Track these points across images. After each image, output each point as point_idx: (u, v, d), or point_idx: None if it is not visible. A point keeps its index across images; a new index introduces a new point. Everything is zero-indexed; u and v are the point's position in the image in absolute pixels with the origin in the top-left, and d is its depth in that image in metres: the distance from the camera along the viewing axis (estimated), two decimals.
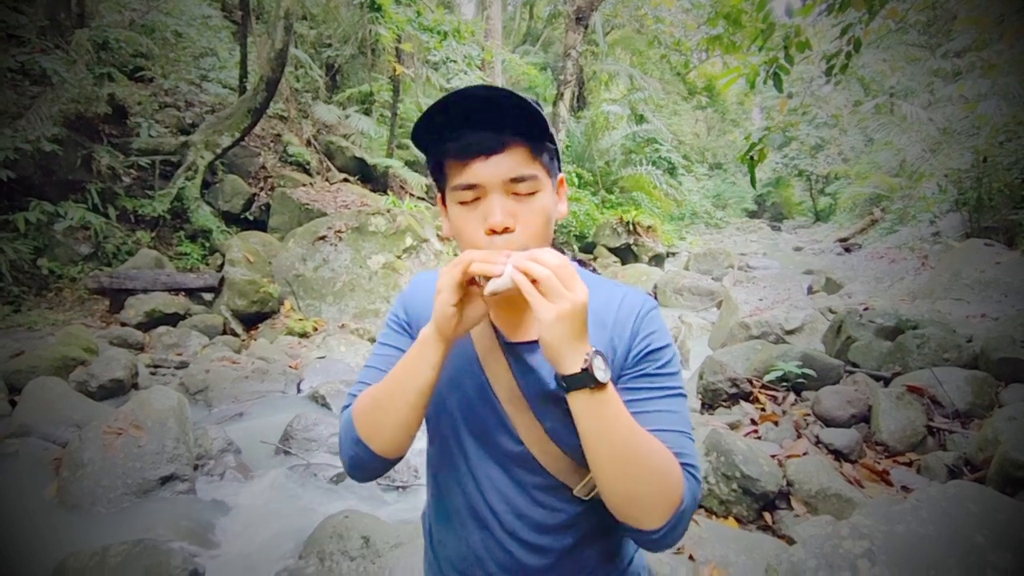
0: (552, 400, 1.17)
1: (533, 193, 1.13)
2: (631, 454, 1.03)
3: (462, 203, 1.14)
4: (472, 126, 1.10)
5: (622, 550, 1.33)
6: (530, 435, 1.19)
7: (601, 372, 1.01)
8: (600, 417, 1.03)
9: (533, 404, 1.20)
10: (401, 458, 1.25)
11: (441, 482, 1.34)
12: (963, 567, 1.97)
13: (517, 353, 1.23)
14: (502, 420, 1.21)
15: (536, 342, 1.20)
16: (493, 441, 1.23)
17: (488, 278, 1.04)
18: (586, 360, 1.00)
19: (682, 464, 1.08)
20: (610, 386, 1.03)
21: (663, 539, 1.06)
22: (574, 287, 1.00)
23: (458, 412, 1.26)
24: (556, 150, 1.21)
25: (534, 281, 1.00)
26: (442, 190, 1.20)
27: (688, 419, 1.16)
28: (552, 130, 1.16)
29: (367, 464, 1.23)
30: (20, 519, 3.90)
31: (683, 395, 1.18)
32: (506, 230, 1.10)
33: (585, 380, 1.01)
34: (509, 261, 1.02)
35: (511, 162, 1.11)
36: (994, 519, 2.07)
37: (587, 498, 1.19)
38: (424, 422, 1.29)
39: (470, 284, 1.08)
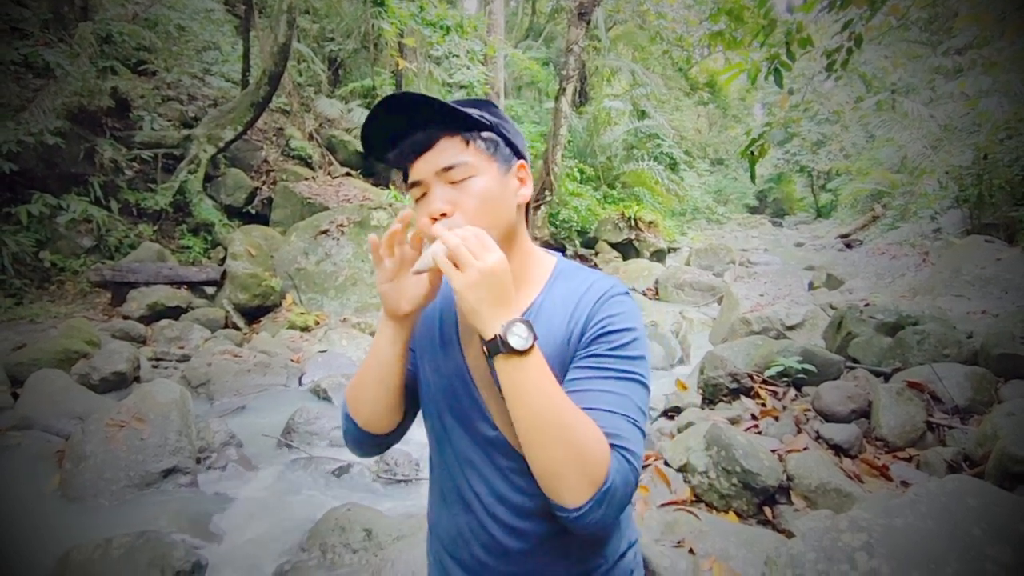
0: None
1: (468, 178, 1.19)
2: (548, 424, 1.05)
3: (416, 200, 1.24)
4: (404, 131, 1.21)
5: (611, 543, 1.33)
6: (503, 420, 1.22)
7: (517, 339, 1.04)
8: (517, 383, 1.06)
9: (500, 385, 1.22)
10: (390, 436, 1.36)
11: (435, 465, 1.40)
12: (962, 560, 1.98)
13: None
14: (479, 405, 1.26)
15: None
16: (473, 426, 1.27)
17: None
18: (503, 327, 1.04)
19: (613, 445, 1.08)
20: (535, 355, 1.07)
21: (583, 518, 1.05)
22: (482, 255, 1.05)
23: (441, 397, 1.31)
24: (502, 138, 1.26)
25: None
26: None
27: (638, 405, 1.16)
28: (494, 120, 1.24)
29: (356, 437, 1.34)
30: (23, 511, 3.92)
31: (637, 381, 1.17)
32: (443, 215, 1.17)
33: (498, 346, 1.05)
34: (435, 241, 1.09)
35: (441, 154, 1.19)
36: (992, 513, 2.08)
37: None
38: (422, 408, 1.39)
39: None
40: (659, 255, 17.45)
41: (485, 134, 1.22)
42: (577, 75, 17.06)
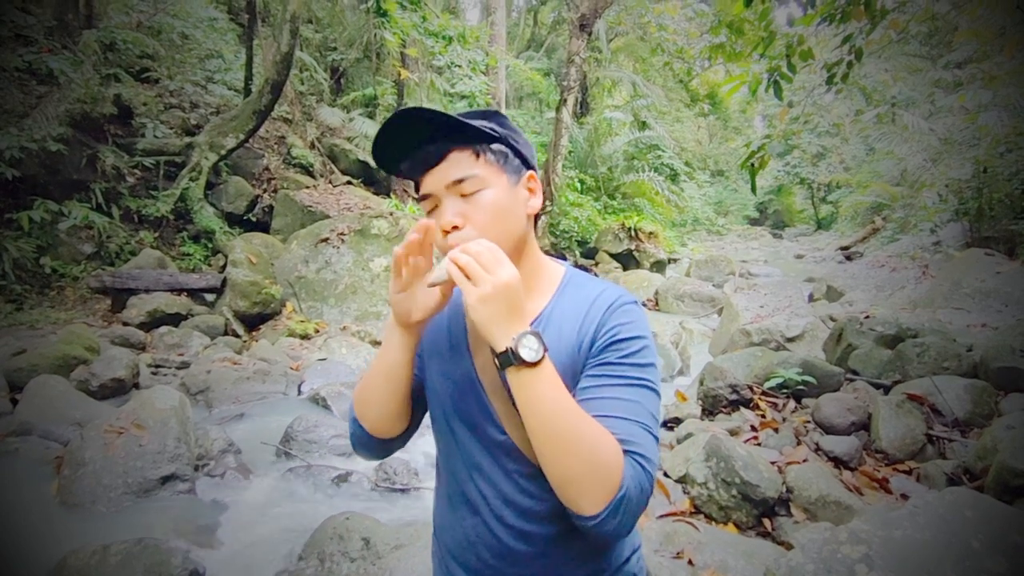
0: None
1: (479, 191, 1.21)
2: (562, 433, 1.07)
3: (428, 213, 1.25)
4: (415, 145, 1.22)
5: (616, 548, 1.34)
6: (512, 425, 1.23)
7: (528, 351, 1.06)
8: (529, 394, 1.08)
9: (511, 394, 1.23)
10: (397, 440, 1.38)
11: (442, 469, 1.42)
12: (959, 571, 1.98)
13: None
14: (487, 410, 1.27)
15: None
16: (481, 430, 1.29)
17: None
18: (513, 340, 1.06)
19: (627, 451, 1.09)
20: (546, 366, 1.08)
21: (601, 526, 1.06)
22: (495, 270, 1.06)
23: (450, 402, 1.32)
24: (511, 150, 1.27)
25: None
26: None
27: (651, 412, 1.17)
28: (504, 132, 1.26)
29: (363, 440, 1.36)
30: (21, 517, 3.91)
31: (648, 387, 1.19)
32: (455, 228, 1.19)
33: (511, 358, 1.06)
34: (448, 255, 1.11)
35: (452, 167, 1.20)
36: (990, 525, 2.09)
37: None
38: (429, 413, 1.41)
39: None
40: (659, 266, 17.45)
41: (495, 146, 1.24)
42: (578, 86, 17.12)
